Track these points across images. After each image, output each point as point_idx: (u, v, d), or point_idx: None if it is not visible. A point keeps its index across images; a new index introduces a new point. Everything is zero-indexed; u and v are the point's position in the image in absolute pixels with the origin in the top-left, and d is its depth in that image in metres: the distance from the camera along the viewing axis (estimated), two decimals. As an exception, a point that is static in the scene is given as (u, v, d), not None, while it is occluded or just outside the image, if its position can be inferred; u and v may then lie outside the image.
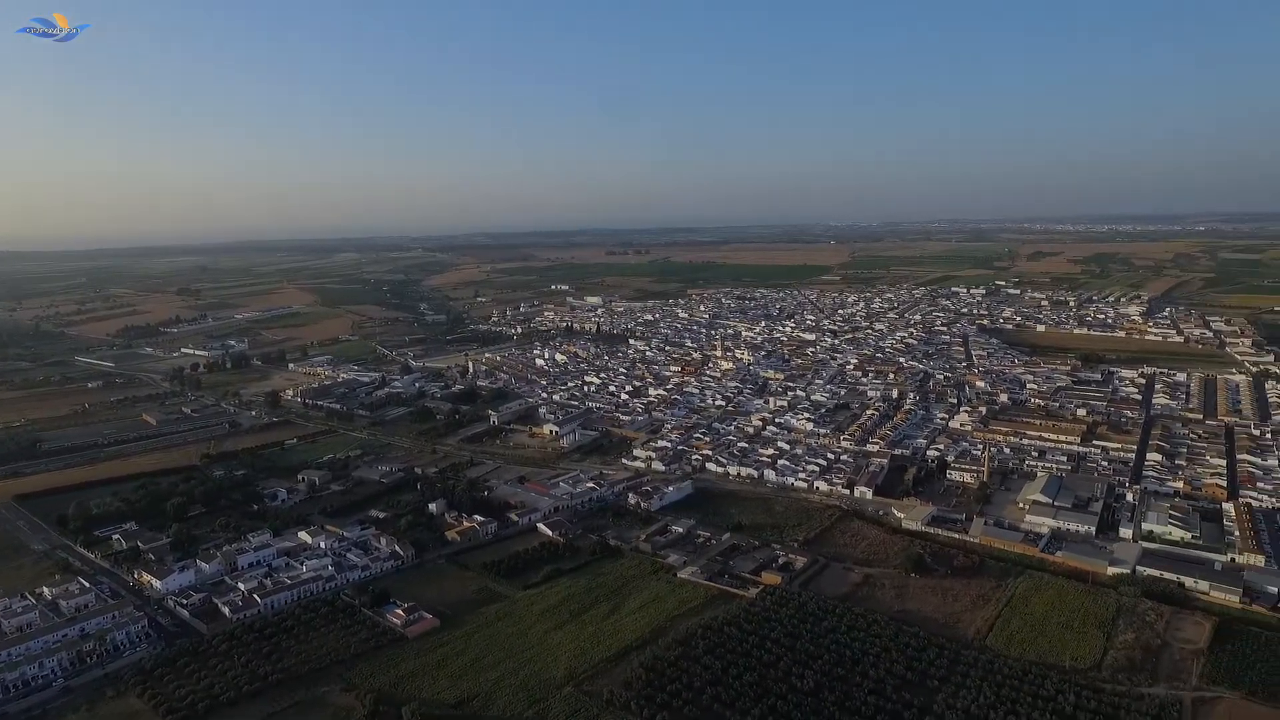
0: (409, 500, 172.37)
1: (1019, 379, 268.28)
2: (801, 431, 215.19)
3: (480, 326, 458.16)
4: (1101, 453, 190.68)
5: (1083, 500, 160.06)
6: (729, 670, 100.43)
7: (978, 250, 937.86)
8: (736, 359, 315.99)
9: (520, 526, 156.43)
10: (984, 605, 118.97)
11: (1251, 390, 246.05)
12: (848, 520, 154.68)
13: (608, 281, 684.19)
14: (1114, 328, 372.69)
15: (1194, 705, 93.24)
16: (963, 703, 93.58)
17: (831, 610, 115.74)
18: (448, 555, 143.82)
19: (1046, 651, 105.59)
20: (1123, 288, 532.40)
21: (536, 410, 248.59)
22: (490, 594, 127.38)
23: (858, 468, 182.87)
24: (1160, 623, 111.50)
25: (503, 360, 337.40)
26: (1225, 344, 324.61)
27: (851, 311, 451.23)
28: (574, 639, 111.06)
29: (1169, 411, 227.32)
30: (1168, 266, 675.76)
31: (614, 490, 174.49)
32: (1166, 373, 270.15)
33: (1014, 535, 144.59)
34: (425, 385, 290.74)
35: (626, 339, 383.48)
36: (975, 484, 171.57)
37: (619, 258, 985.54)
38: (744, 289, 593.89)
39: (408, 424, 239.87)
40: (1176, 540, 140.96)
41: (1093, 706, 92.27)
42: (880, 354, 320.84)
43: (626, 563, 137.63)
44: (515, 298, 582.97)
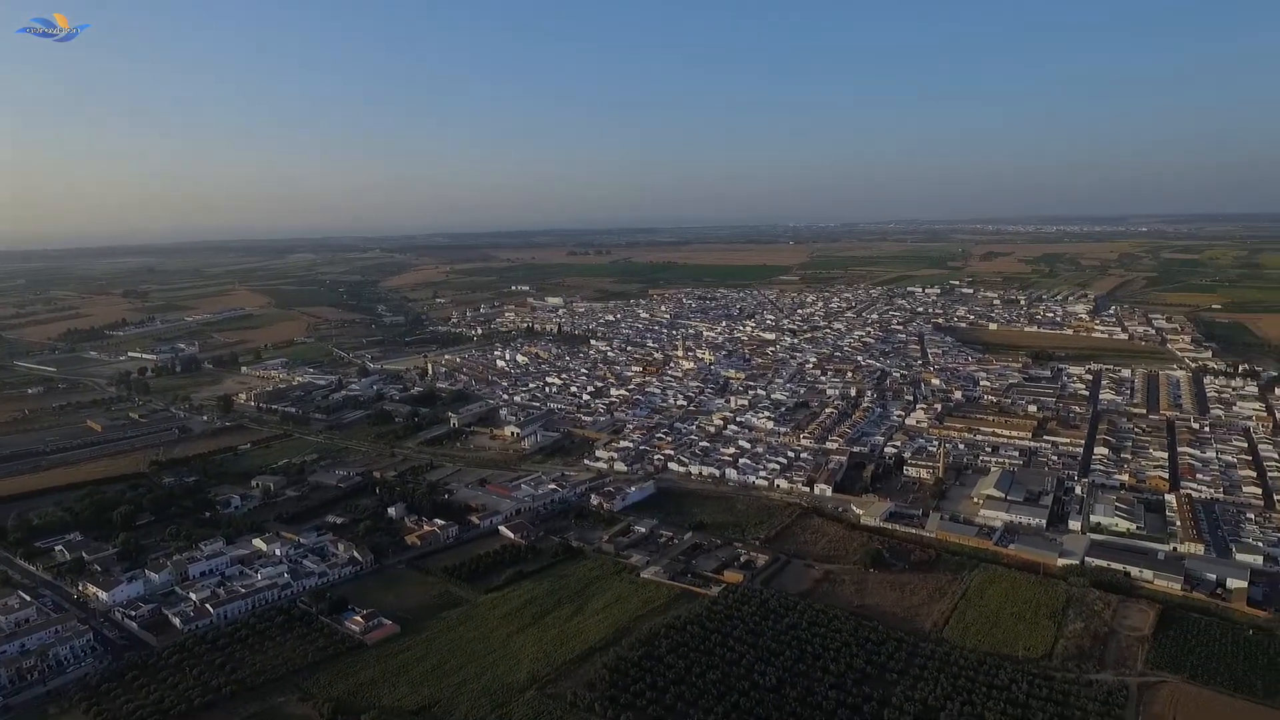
0: (367, 505, 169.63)
1: (973, 376, 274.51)
2: (762, 430, 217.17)
3: (439, 328, 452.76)
4: (1051, 447, 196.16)
5: (1034, 494, 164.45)
6: (692, 669, 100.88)
7: (932, 251, 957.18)
8: (698, 359, 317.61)
9: (482, 529, 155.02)
10: (940, 598, 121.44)
11: (1191, 385, 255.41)
12: (808, 517, 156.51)
13: (569, 282, 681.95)
14: (1063, 326, 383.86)
15: (1139, 690, 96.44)
16: (920, 694, 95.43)
17: (793, 607, 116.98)
18: (408, 560, 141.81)
19: (1000, 642, 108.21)
20: (1070, 287, 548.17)
21: (498, 412, 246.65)
22: (451, 598, 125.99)
23: (817, 465, 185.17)
24: (1107, 611, 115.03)
25: (463, 362, 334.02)
26: (1166, 341, 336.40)
27: (810, 311, 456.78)
28: (537, 642, 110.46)
29: (1114, 407, 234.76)
30: (1113, 266, 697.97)
31: (576, 491, 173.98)
32: (1112, 369, 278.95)
33: (969, 529, 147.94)
34: (384, 388, 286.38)
35: (588, 339, 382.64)
36: (931, 480, 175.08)
37: (580, 258, 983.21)
38: (705, 289, 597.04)
39: (366, 427, 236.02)
40: (1122, 531, 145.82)
41: (1044, 694, 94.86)
42: (839, 353, 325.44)
43: (589, 564, 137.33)
44: (475, 299, 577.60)
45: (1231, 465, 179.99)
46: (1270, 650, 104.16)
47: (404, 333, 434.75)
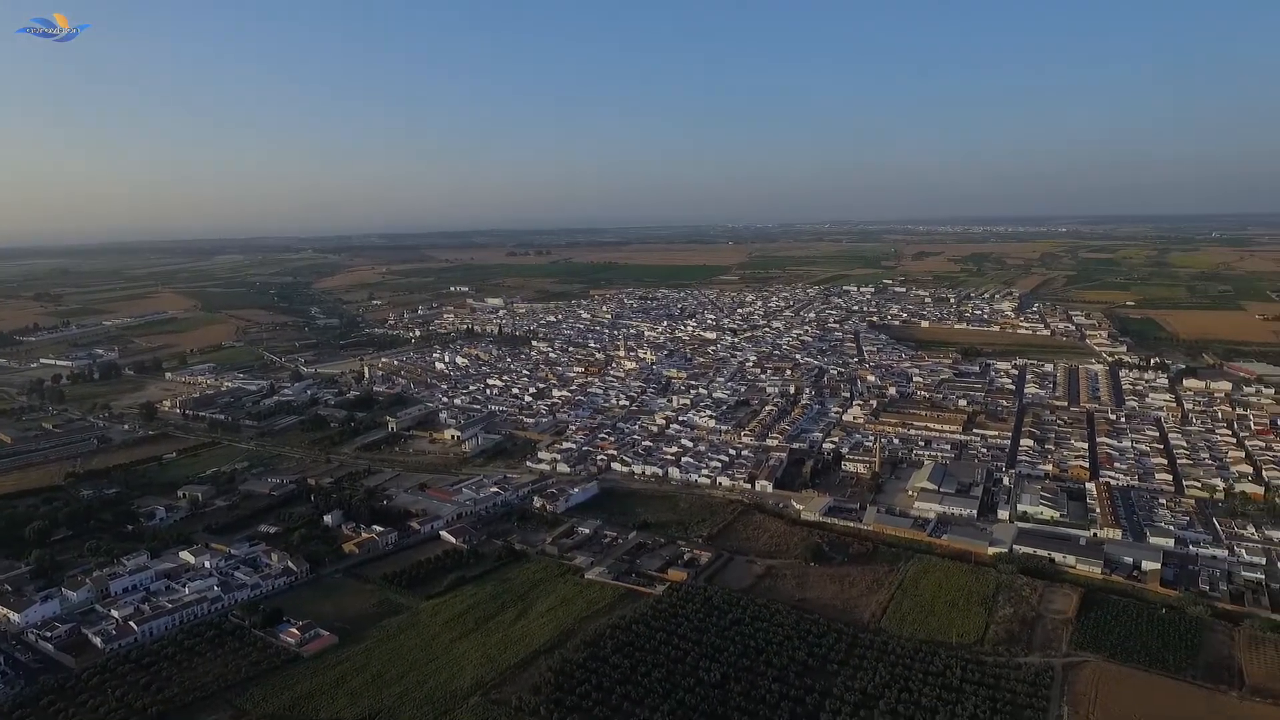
0: (302, 513, 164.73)
1: (906, 373, 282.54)
2: (704, 429, 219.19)
3: (376, 330, 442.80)
4: (981, 440, 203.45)
5: (965, 485, 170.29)
6: (637, 668, 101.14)
7: (866, 250, 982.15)
8: (640, 359, 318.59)
9: (422, 535, 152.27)
10: (878, 589, 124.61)
11: (1108, 379, 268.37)
12: (750, 514, 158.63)
13: (509, 282, 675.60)
14: (990, 323, 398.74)
15: (1064, 670, 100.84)
16: (860, 683, 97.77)
17: (736, 603, 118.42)
18: (345, 569, 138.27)
19: (935, 630, 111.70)
20: (997, 285, 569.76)
21: (437, 415, 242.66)
22: (391, 606, 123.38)
23: (758, 462, 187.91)
24: (1034, 596, 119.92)
25: (401, 364, 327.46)
26: (1085, 336, 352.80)
27: (750, 310, 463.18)
28: (480, 647, 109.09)
29: (1039, 400, 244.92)
30: (1035, 265, 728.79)
31: (519, 494, 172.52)
32: (1036, 364, 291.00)
33: (904, 521, 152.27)
34: (318, 392, 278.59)
35: (529, 340, 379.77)
36: (868, 474, 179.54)
37: (520, 258, 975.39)
38: (646, 289, 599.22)
39: (299, 433, 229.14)
40: (1047, 519, 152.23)
41: (977, 678, 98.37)
42: (778, 351, 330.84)
43: (533, 566, 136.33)
44: (413, 300, 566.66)
45: (1145, 454, 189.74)
46: (1181, 627, 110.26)
47: (339, 335, 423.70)
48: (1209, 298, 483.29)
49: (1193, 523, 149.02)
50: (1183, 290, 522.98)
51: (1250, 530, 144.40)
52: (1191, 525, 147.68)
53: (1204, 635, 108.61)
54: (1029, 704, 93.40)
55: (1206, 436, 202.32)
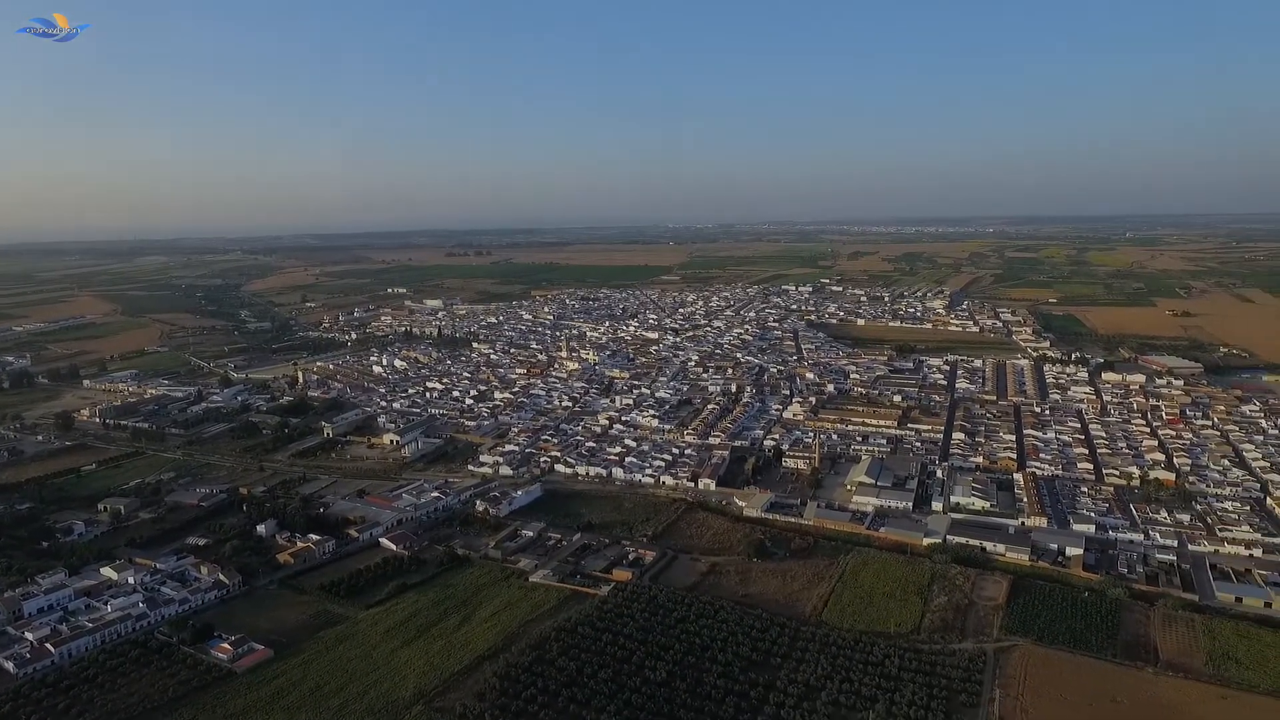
0: (234, 523, 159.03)
1: (843, 370, 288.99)
2: (647, 428, 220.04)
3: (310, 333, 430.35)
4: (915, 435, 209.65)
5: (901, 479, 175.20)
6: (584, 670, 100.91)
7: (804, 250, 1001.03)
8: (582, 359, 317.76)
9: (361, 543, 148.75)
10: (819, 583, 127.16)
11: (1033, 373, 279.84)
12: (693, 512, 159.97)
13: (448, 284, 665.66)
14: (922, 321, 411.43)
15: (995, 655, 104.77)
16: (803, 676, 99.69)
17: (681, 601, 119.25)
18: (280, 579, 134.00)
19: (874, 620, 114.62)
20: (929, 284, 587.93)
21: (375, 419, 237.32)
22: (330, 617, 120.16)
23: (701, 461, 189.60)
24: (967, 584, 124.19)
25: (336, 369, 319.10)
26: (1012, 333, 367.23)
27: (691, 310, 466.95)
28: (423, 655, 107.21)
29: (969, 395, 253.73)
30: (965, 264, 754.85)
31: (461, 498, 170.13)
32: (966, 360, 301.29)
33: (843, 515, 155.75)
34: (249, 398, 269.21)
35: (470, 342, 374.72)
36: (808, 470, 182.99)
37: (459, 259, 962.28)
38: (588, 289, 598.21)
39: (230, 441, 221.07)
40: (978, 509, 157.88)
41: (914, 666, 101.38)
42: (719, 350, 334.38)
43: (476, 571, 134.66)
44: (348, 302, 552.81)
45: (1068, 444, 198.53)
46: (1101, 609, 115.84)
47: (271, 339, 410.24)
48: (1124, 295, 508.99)
49: (1111, 509, 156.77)
50: (1100, 288, 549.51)
51: (1163, 515, 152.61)
52: (1110, 512, 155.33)
53: (1122, 615, 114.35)
54: (963, 689, 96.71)
55: (1123, 427, 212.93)
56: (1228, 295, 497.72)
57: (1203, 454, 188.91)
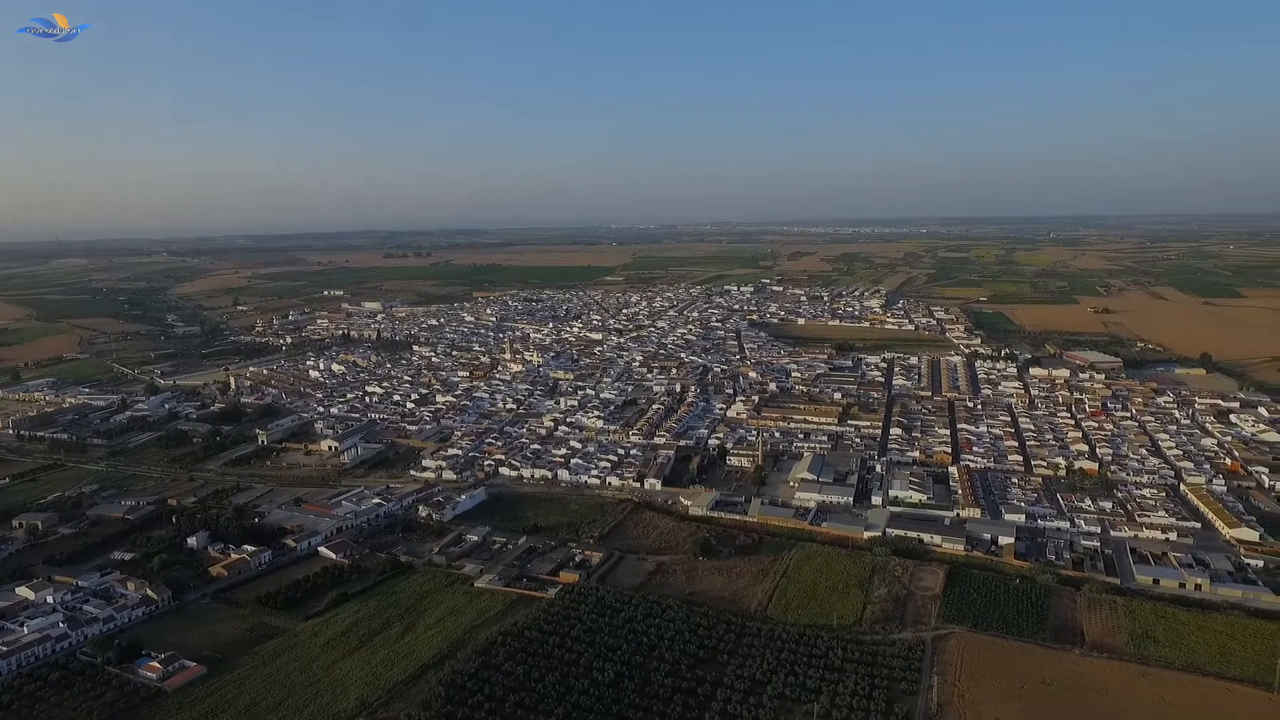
0: (163, 536, 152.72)
1: (785, 368, 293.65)
2: (592, 429, 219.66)
3: (242, 338, 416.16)
4: (855, 431, 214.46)
5: (842, 474, 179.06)
6: (531, 674, 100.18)
7: (745, 251, 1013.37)
8: (526, 361, 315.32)
9: (299, 552, 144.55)
10: (764, 579, 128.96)
11: (966, 369, 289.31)
12: (639, 512, 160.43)
13: (387, 285, 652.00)
14: (860, 319, 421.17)
15: (933, 643, 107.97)
16: (749, 671, 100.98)
17: (628, 601, 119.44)
18: (213, 593, 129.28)
19: (817, 614, 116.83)
20: (866, 284, 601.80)
21: (312, 425, 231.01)
22: (266, 630, 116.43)
23: (646, 461, 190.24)
24: (906, 576, 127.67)
25: (271, 374, 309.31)
26: (945, 330, 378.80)
27: (635, 310, 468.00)
28: (365, 665, 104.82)
29: (905, 391, 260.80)
30: (900, 264, 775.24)
31: (403, 504, 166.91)
32: (902, 357, 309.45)
33: (786, 512, 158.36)
34: (178, 406, 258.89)
35: (410, 345, 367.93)
36: (752, 468, 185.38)
37: (398, 260, 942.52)
38: (531, 290, 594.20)
39: (157, 451, 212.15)
40: (916, 502, 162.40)
41: (856, 657, 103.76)
42: (663, 350, 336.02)
43: (419, 578, 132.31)
44: (283, 305, 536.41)
45: (999, 438, 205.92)
46: (1031, 595, 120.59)
47: (200, 344, 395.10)
48: (1049, 293, 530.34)
49: (1040, 499, 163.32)
50: (1027, 286, 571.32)
51: (1087, 503, 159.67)
52: (1039, 501, 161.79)
53: (1051, 600, 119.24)
54: (903, 677, 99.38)
55: (1050, 419, 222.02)
56: (1143, 293, 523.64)
57: (1123, 444, 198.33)
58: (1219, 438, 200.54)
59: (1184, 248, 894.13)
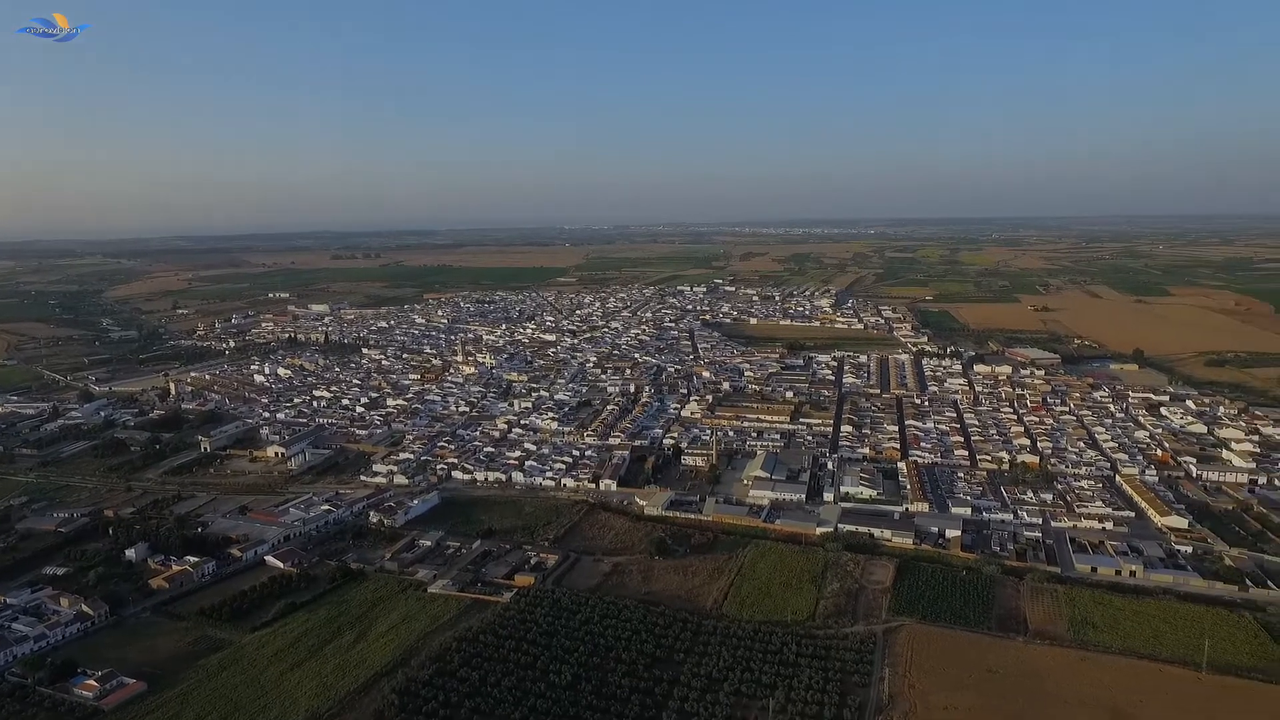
0: (99, 549, 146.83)
1: (738, 368, 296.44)
2: (547, 431, 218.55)
3: (183, 342, 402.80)
4: (807, 429, 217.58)
5: (794, 472, 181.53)
6: (487, 679, 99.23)
7: (698, 252, 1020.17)
8: (478, 363, 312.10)
9: (245, 562, 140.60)
10: (719, 577, 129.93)
11: (913, 366, 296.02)
12: (595, 513, 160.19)
13: (335, 287, 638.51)
14: (811, 318, 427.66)
15: (884, 635, 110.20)
16: (705, 669, 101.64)
17: (584, 603, 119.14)
18: (154, 606, 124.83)
19: (772, 610, 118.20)
20: (816, 283, 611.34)
21: (258, 431, 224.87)
22: (211, 643, 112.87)
23: (601, 462, 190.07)
24: (858, 570, 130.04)
25: (213, 379, 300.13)
26: (893, 329, 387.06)
27: (589, 311, 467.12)
28: (315, 676, 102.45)
29: (855, 389, 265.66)
30: (849, 264, 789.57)
31: (353, 510, 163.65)
32: (852, 355, 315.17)
33: (741, 510, 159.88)
34: (114, 413, 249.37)
35: (359, 348, 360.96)
36: (706, 467, 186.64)
37: (346, 262, 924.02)
38: (483, 292, 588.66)
39: (92, 460, 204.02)
40: (866, 498, 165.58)
41: (810, 652, 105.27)
42: (617, 351, 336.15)
43: (371, 585, 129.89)
44: (226, 308, 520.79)
45: (945, 433, 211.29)
46: (978, 585, 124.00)
47: (138, 349, 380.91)
48: (991, 291, 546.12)
49: (985, 492, 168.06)
50: (971, 285, 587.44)
51: (1029, 495, 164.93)
52: (984, 495, 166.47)
53: (996, 591, 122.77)
54: (856, 670, 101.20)
55: (994, 415, 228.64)
56: (1080, 291, 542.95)
57: (1062, 438, 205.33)
58: (1150, 430, 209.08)
59: (1117, 248, 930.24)
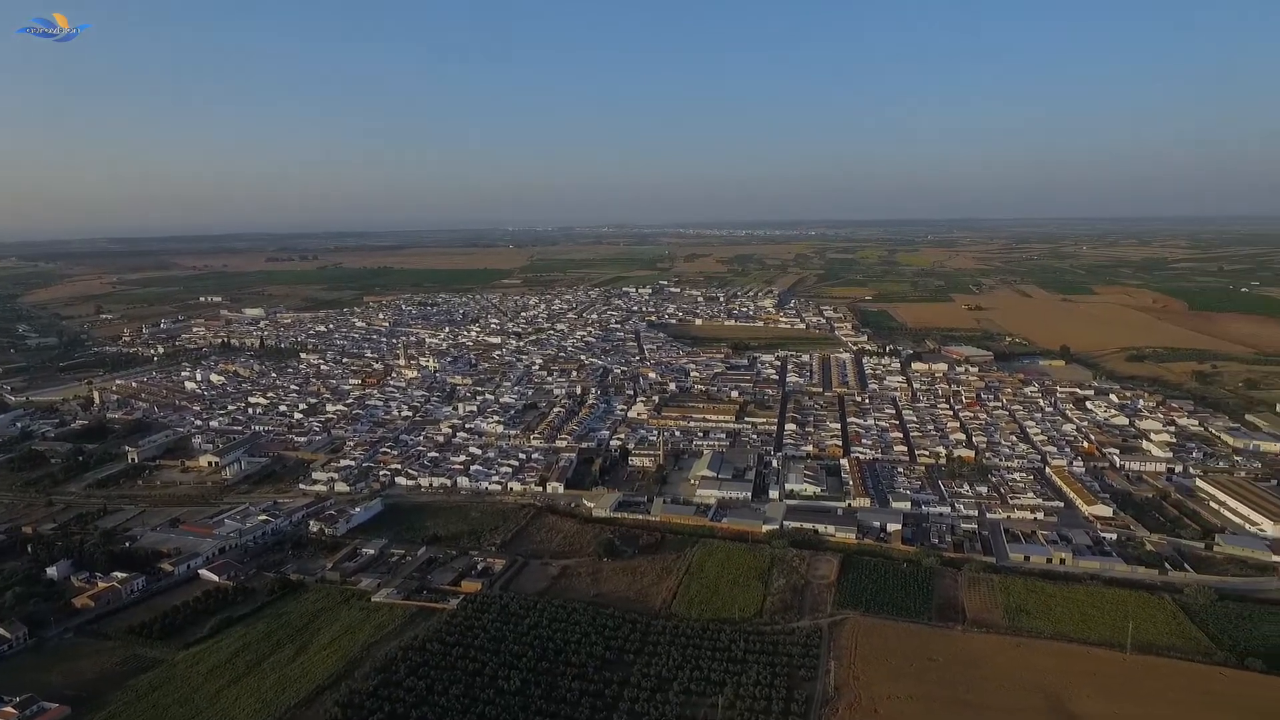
0: (16, 568, 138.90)
1: (684, 368, 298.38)
2: (492, 434, 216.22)
3: (107, 348, 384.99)
4: (752, 428, 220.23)
5: (740, 470, 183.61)
6: (434, 688, 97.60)
7: (643, 253, 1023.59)
8: (422, 367, 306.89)
9: (177, 577, 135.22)
10: (667, 577, 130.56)
11: (854, 365, 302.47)
12: (542, 517, 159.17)
13: (270, 290, 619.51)
14: (754, 319, 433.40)
15: (829, 629, 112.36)
16: (655, 669, 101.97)
17: (532, 607, 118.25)
18: (78, 626, 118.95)
19: (720, 608, 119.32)
20: (759, 284, 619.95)
21: (190, 440, 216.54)
22: (141, 662, 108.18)
23: (548, 464, 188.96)
24: (803, 566, 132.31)
25: (141, 386, 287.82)
26: (834, 328, 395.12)
27: (534, 313, 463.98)
28: (253, 692, 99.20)
29: (798, 388, 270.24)
30: (791, 265, 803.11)
31: (292, 519, 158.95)
32: (795, 355, 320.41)
33: (688, 509, 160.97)
34: (31, 424, 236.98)
35: (297, 353, 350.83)
36: (654, 467, 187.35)
37: (282, 264, 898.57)
38: (425, 294, 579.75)
39: (7, 474, 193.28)
40: (811, 495, 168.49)
41: (758, 648, 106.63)
42: (563, 353, 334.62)
43: (312, 596, 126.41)
44: (154, 313, 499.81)
45: (885, 430, 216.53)
46: (918, 577, 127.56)
47: (58, 357, 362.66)
48: (928, 291, 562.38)
49: (924, 486, 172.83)
50: (908, 285, 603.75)
51: (965, 488, 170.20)
52: (923, 489, 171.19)
53: (935, 582, 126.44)
54: (802, 664, 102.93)
55: (931, 411, 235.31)
56: (1010, 291, 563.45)
57: (995, 432, 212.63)
58: (1077, 423, 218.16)
59: (1044, 248, 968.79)
